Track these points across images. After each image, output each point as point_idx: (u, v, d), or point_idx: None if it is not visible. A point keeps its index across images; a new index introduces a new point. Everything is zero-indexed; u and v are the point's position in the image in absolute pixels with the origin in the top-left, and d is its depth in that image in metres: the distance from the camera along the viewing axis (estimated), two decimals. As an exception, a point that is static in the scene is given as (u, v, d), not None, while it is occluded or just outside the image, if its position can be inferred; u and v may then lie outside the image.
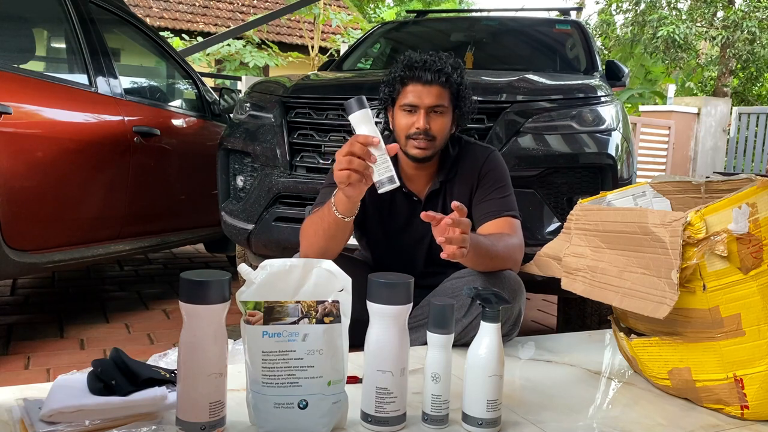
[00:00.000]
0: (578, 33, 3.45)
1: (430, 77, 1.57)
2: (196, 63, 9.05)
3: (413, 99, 1.59)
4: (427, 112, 1.59)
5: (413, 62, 1.60)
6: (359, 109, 1.27)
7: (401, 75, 1.61)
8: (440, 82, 1.59)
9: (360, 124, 1.28)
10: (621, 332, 1.40)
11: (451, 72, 1.60)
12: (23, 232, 2.21)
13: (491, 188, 1.68)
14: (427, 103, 1.58)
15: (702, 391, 1.24)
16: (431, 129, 1.59)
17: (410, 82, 1.60)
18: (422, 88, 1.59)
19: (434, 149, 1.62)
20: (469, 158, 1.71)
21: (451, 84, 1.60)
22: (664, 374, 1.30)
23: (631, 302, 1.23)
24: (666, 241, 1.14)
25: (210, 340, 0.97)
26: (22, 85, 2.28)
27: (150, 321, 2.74)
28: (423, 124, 1.58)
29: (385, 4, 18.09)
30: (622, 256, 1.26)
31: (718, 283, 1.16)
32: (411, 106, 1.59)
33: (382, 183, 1.27)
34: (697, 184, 1.44)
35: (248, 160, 2.54)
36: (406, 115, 1.61)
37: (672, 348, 1.27)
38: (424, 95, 1.58)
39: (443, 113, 1.61)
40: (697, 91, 15.10)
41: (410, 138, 1.60)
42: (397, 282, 1.05)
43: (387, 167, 1.26)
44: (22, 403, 1.03)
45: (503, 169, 1.72)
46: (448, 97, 1.61)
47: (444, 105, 1.60)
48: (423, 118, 1.58)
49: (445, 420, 1.08)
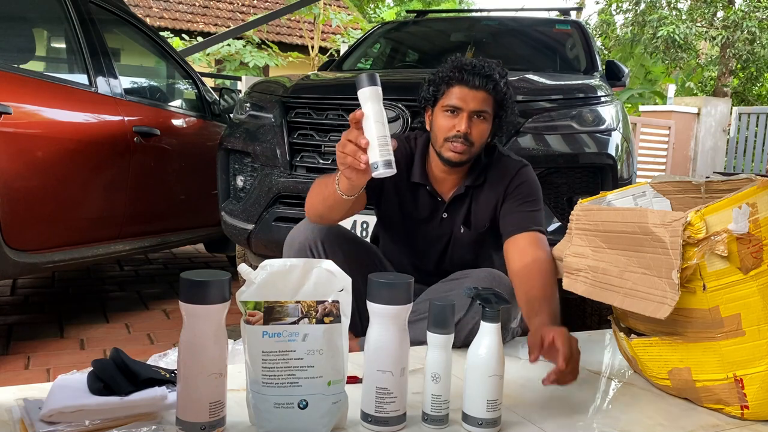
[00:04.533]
0: (578, 33, 3.45)
1: (478, 82, 1.54)
2: (196, 63, 9.05)
3: (457, 101, 1.55)
4: (469, 116, 1.56)
5: (463, 64, 1.57)
6: (369, 86, 1.21)
7: (448, 76, 1.57)
8: (487, 88, 1.55)
9: (367, 101, 1.21)
10: (621, 332, 1.40)
11: (499, 80, 1.57)
12: (23, 232, 2.21)
13: (521, 201, 1.65)
14: (472, 107, 1.55)
15: (702, 391, 1.24)
16: (471, 134, 1.56)
17: (457, 84, 1.56)
18: (468, 92, 1.55)
19: (470, 155, 1.60)
20: (501, 169, 1.68)
21: (497, 92, 1.57)
22: (664, 374, 1.30)
23: (632, 303, 1.22)
24: (666, 241, 1.14)
25: (210, 340, 0.97)
26: (22, 85, 2.28)
27: (150, 321, 2.74)
28: (465, 128, 1.55)
29: (385, 4, 18.08)
30: (623, 256, 1.26)
31: (718, 283, 1.16)
32: (454, 108, 1.56)
33: (378, 165, 1.19)
34: (698, 184, 1.44)
35: (248, 160, 2.54)
36: (447, 117, 1.58)
37: (672, 348, 1.27)
38: (470, 99, 1.55)
39: (485, 120, 1.58)
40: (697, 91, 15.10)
41: (448, 140, 1.57)
42: (397, 282, 1.05)
43: (386, 150, 1.19)
44: (22, 403, 1.03)
45: (535, 184, 1.69)
46: (492, 104, 1.58)
47: (487, 111, 1.58)
48: (465, 122, 1.55)
49: (445, 420, 1.08)
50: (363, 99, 1.22)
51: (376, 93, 1.22)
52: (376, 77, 1.21)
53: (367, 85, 1.21)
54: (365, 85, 1.21)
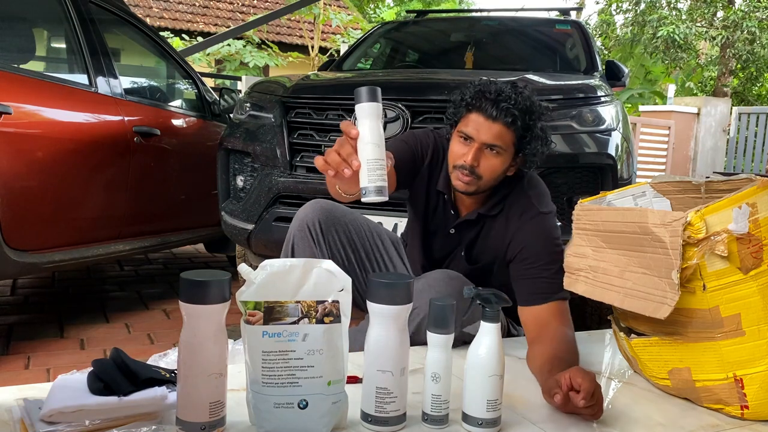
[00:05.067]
0: (578, 33, 3.46)
1: (495, 113, 1.42)
2: (196, 63, 9.05)
3: (471, 130, 1.45)
4: (480, 148, 1.45)
5: (485, 90, 1.44)
6: (368, 101, 1.09)
7: (468, 100, 1.46)
8: (504, 121, 1.42)
9: (365, 118, 1.10)
10: (621, 332, 1.40)
11: (520, 115, 1.43)
12: (23, 232, 2.21)
13: (535, 263, 1.48)
14: (483, 139, 1.44)
15: (702, 391, 1.24)
16: (478, 167, 1.45)
17: (474, 110, 1.45)
18: (483, 122, 1.43)
19: (478, 187, 1.49)
20: (518, 208, 1.54)
21: (516, 127, 1.44)
22: (664, 374, 1.30)
23: (632, 302, 1.22)
24: (666, 241, 1.14)
25: (210, 340, 0.97)
26: (22, 85, 2.28)
27: (150, 321, 2.74)
28: (471, 160, 1.44)
29: (385, 4, 18.09)
30: (623, 256, 1.26)
31: (718, 283, 1.16)
32: (467, 136, 1.46)
33: (368, 191, 1.08)
34: (698, 184, 1.43)
35: (248, 160, 2.54)
36: (460, 143, 1.48)
37: (672, 348, 1.27)
38: (484, 130, 1.43)
39: (499, 154, 1.46)
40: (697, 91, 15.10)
41: (457, 168, 1.48)
42: (397, 282, 1.05)
43: (379, 175, 1.07)
44: (22, 403, 1.03)
45: (552, 236, 1.51)
46: (510, 138, 1.45)
47: (501, 146, 1.44)
48: (473, 154, 1.44)
49: (445, 420, 1.08)
50: (361, 115, 1.11)
51: (376, 110, 1.10)
52: (377, 92, 1.11)
53: (366, 100, 1.10)
54: (364, 99, 1.10)
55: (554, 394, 1.12)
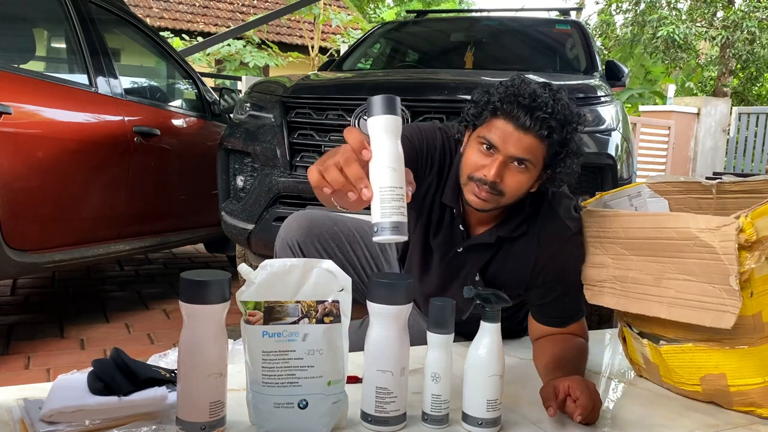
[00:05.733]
0: (578, 33, 3.46)
1: (530, 122, 1.19)
2: (196, 63, 9.05)
3: (496, 138, 1.22)
4: (505, 161, 1.22)
5: (518, 93, 1.21)
6: (385, 113, 0.87)
7: (496, 102, 1.23)
8: (539, 133, 1.20)
9: (379, 134, 0.87)
10: (644, 339, 1.32)
11: (558, 126, 1.22)
12: (23, 232, 2.21)
13: (560, 288, 1.38)
14: (511, 151, 1.21)
15: (735, 395, 1.21)
16: (501, 183, 1.23)
17: (503, 115, 1.22)
18: (513, 131, 1.21)
19: (496, 204, 1.28)
20: (550, 230, 1.36)
21: (552, 141, 1.22)
22: (696, 380, 1.25)
23: (682, 312, 1.15)
24: (715, 246, 1.09)
25: (210, 340, 0.97)
26: (22, 85, 2.28)
27: (150, 321, 2.74)
28: (493, 176, 1.22)
29: (385, 4, 18.09)
30: (655, 263, 1.19)
31: (764, 288, 1.12)
32: (490, 144, 1.23)
33: (381, 228, 0.85)
34: (708, 185, 1.38)
35: (248, 160, 2.54)
36: (479, 152, 1.25)
37: (706, 354, 1.21)
38: (512, 140, 1.21)
39: (526, 169, 1.24)
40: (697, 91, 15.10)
41: (473, 180, 1.26)
42: (397, 282, 1.05)
43: (396, 208, 0.85)
44: (22, 403, 1.03)
45: (578, 261, 1.37)
46: (541, 153, 1.23)
47: (530, 161, 1.23)
48: (497, 168, 1.22)
49: (445, 420, 1.08)
50: (375, 130, 0.88)
51: (395, 125, 0.88)
52: (396, 103, 0.89)
53: (382, 111, 0.87)
54: (379, 111, 0.87)
55: (548, 406, 1.10)
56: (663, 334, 1.28)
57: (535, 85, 1.25)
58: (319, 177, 0.90)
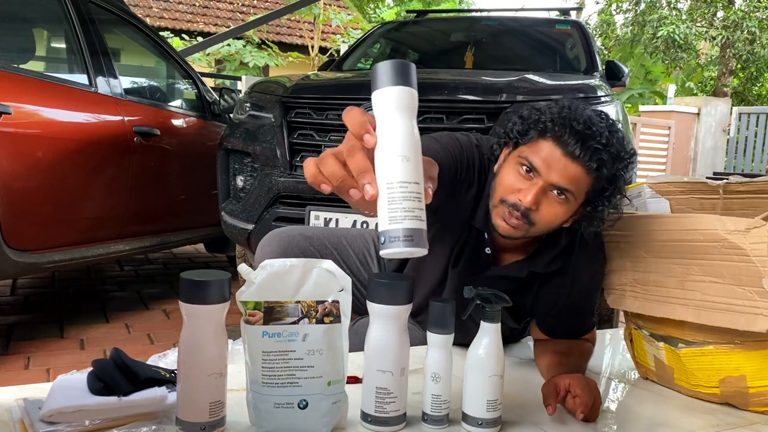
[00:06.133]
0: (578, 33, 3.46)
1: (579, 152, 1.10)
2: (196, 63, 9.05)
3: (539, 162, 1.13)
4: (545, 187, 1.14)
5: (571, 118, 1.12)
6: (396, 84, 0.67)
7: (545, 124, 1.14)
8: (588, 165, 1.11)
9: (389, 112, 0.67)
10: (659, 342, 1.30)
11: (609, 160, 1.13)
12: (23, 232, 2.21)
13: (578, 309, 1.36)
14: (553, 179, 1.13)
15: (754, 396, 1.20)
16: (536, 212, 1.15)
17: (551, 138, 1.13)
18: (560, 157, 1.11)
19: (524, 234, 1.19)
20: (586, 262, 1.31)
21: (600, 175, 1.13)
22: (714, 383, 1.24)
23: (712, 316, 1.14)
24: (746, 248, 1.08)
25: (210, 340, 0.96)
26: (22, 85, 2.29)
27: (150, 321, 2.74)
28: (529, 202, 1.13)
29: (385, 4, 18.09)
30: (678, 266, 1.17)
31: None
32: (531, 167, 1.14)
33: (389, 238, 0.64)
34: (715, 185, 1.37)
35: (248, 160, 2.54)
36: (517, 174, 1.16)
37: (727, 357, 1.20)
38: (557, 167, 1.12)
39: (566, 201, 1.15)
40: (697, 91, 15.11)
41: (505, 204, 1.17)
42: (398, 282, 1.05)
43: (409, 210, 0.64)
44: (22, 403, 1.03)
45: (600, 283, 1.35)
46: (585, 186, 1.14)
47: (572, 192, 1.14)
48: (534, 195, 1.13)
49: (445, 420, 1.08)
50: (383, 107, 0.68)
51: (408, 101, 0.68)
52: (410, 71, 0.68)
53: (392, 82, 0.67)
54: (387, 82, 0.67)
55: (547, 404, 1.11)
56: (680, 337, 1.26)
57: (591, 111, 1.16)
58: (315, 171, 0.70)
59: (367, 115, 0.68)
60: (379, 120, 0.68)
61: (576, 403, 1.10)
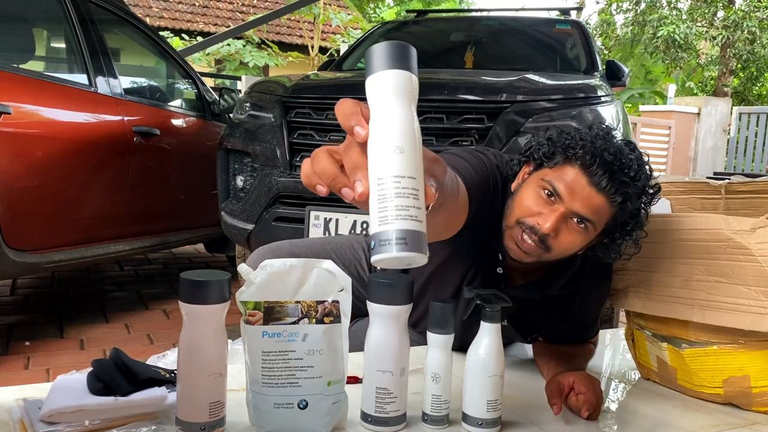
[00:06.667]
0: (578, 33, 3.46)
1: (606, 183, 1.08)
2: (196, 63, 9.05)
3: (563, 188, 1.10)
4: (566, 215, 1.11)
5: (601, 149, 1.09)
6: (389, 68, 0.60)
7: (573, 149, 1.11)
8: (612, 198, 1.09)
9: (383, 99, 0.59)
10: (663, 342, 1.30)
11: (635, 195, 1.12)
12: (23, 232, 2.21)
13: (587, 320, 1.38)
14: (576, 207, 1.10)
15: (756, 396, 1.21)
16: (553, 238, 1.12)
17: (579, 166, 1.10)
18: (585, 186, 1.09)
19: (537, 259, 1.16)
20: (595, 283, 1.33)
21: (623, 208, 1.12)
22: (718, 383, 1.24)
23: (716, 316, 1.13)
24: (751, 247, 1.08)
25: (210, 340, 0.96)
26: (22, 85, 2.29)
27: (150, 321, 2.74)
28: (549, 228, 1.10)
29: (385, 4, 18.09)
30: (683, 265, 1.17)
31: None
32: (553, 192, 1.11)
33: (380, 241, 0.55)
34: (717, 185, 1.37)
35: (248, 160, 2.54)
36: (538, 197, 1.13)
37: (731, 357, 1.21)
38: (580, 196, 1.09)
39: (585, 230, 1.12)
40: (698, 91, 15.11)
41: (521, 225, 1.13)
42: (398, 282, 1.05)
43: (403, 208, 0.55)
44: (22, 403, 1.03)
45: (606, 296, 1.37)
46: (606, 218, 1.12)
47: (593, 223, 1.11)
48: (554, 221, 1.10)
49: (445, 420, 1.08)
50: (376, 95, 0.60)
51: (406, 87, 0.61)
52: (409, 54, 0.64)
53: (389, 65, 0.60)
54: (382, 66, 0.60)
55: (553, 404, 1.11)
56: (684, 337, 1.26)
57: (622, 142, 1.14)
58: (308, 171, 0.64)
59: (360, 105, 0.61)
60: (373, 108, 0.59)
61: (580, 401, 1.10)
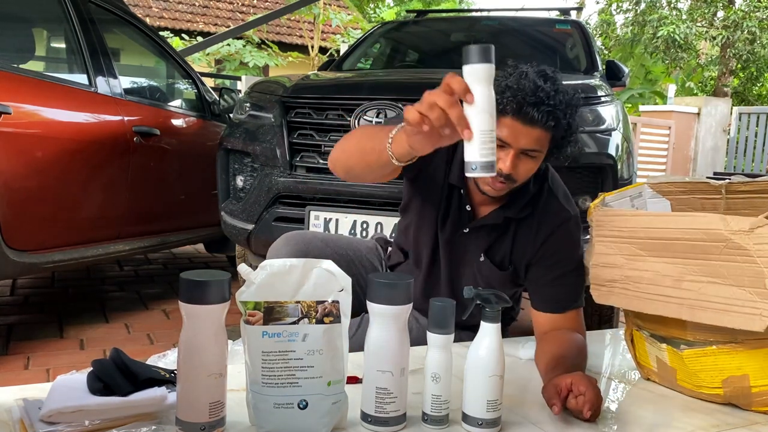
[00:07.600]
0: (578, 33, 3.46)
1: (537, 116, 1.27)
2: (196, 63, 9.05)
3: (507, 136, 1.29)
4: (517, 154, 1.31)
5: (525, 93, 1.27)
6: (481, 62, 0.95)
7: (504, 104, 1.28)
8: (546, 125, 1.29)
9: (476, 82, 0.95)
10: (662, 343, 1.30)
11: (562, 114, 1.30)
12: (23, 232, 2.21)
13: (558, 270, 1.44)
14: (522, 144, 1.30)
15: (756, 396, 1.20)
16: (515, 173, 1.33)
17: (511, 114, 1.29)
18: (522, 128, 1.28)
19: (509, 189, 1.39)
20: (547, 213, 1.46)
21: (558, 129, 1.31)
22: (717, 383, 1.24)
23: (706, 315, 1.13)
24: (749, 248, 1.08)
25: (210, 340, 0.96)
26: (22, 85, 2.29)
27: (150, 321, 2.74)
28: (508, 168, 1.31)
29: (385, 4, 18.09)
30: (675, 265, 1.18)
31: None
32: (502, 142, 1.30)
33: (478, 166, 0.96)
34: (717, 185, 1.37)
35: (248, 160, 2.54)
36: None
37: (730, 357, 1.20)
38: (522, 136, 1.29)
39: (535, 158, 1.34)
40: (698, 91, 15.11)
41: None
42: (398, 282, 1.05)
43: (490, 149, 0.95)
44: (22, 403, 1.03)
45: (577, 242, 1.47)
46: (548, 140, 1.33)
47: (539, 150, 1.33)
48: (511, 161, 1.31)
49: (445, 420, 1.08)
50: (472, 78, 0.96)
51: (488, 73, 0.95)
52: (491, 52, 0.95)
53: (479, 60, 0.95)
54: (476, 60, 0.95)
55: (552, 404, 1.11)
56: (682, 338, 1.26)
57: (534, 75, 1.31)
58: (419, 116, 0.97)
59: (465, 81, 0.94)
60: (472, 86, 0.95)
61: (580, 402, 1.10)
